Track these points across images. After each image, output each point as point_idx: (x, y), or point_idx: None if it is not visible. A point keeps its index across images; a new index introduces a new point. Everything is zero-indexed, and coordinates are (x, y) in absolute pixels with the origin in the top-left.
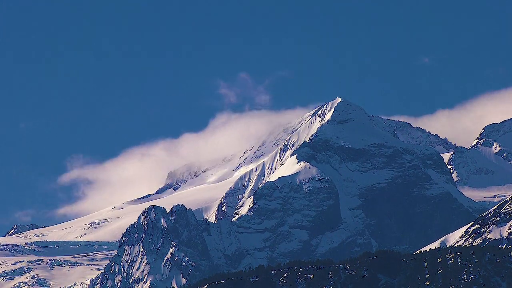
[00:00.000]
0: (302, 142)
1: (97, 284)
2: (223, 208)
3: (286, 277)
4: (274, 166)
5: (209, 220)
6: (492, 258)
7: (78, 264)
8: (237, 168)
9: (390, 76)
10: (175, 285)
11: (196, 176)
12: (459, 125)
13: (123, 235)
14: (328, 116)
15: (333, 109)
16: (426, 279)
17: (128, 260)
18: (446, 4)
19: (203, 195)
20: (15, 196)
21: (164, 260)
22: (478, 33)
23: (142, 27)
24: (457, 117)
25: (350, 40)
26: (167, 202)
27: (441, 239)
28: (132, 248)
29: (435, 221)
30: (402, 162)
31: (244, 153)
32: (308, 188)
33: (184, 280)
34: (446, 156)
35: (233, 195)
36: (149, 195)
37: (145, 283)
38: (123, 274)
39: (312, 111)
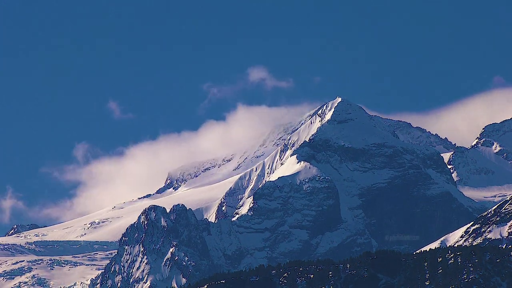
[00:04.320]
0: (302, 142)
1: (97, 284)
2: (223, 208)
3: (286, 277)
4: (274, 166)
5: (209, 220)
6: (492, 258)
7: (78, 264)
8: (237, 168)
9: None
10: (175, 285)
11: (196, 176)
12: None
13: (123, 235)
14: (328, 116)
15: (333, 109)
16: (426, 279)
17: (128, 260)
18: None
19: (203, 195)
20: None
21: (164, 260)
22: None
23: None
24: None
25: (350, 39)
26: (167, 202)
27: (441, 239)
28: (132, 248)
29: (435, 221)
30: (402, 162)
31: (244, 153)
32: (308, 188)
33: (184, 280)
34: (446, 156)
35: (233, 195)
36: (149, 195)
37: (145, 283)
38: (123, 274)
39: (312, 111)
